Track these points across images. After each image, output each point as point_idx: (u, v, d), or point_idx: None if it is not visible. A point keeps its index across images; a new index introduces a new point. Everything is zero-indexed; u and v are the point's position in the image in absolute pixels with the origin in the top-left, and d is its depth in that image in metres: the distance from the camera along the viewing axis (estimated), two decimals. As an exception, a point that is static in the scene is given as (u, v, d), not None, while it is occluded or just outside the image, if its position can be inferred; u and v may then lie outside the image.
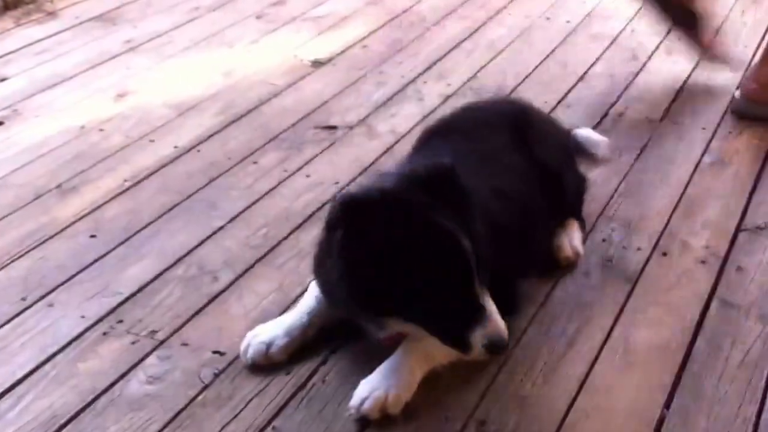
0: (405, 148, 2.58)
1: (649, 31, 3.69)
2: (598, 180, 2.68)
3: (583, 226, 2.42)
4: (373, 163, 2.82)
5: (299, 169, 2.79)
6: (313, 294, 2.04)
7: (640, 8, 3.66)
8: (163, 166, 2.80)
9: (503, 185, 1.92)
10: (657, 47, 3.57)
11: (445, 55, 3.58)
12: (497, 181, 1.87)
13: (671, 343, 2.08)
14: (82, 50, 3.59)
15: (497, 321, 1.78)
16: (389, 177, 1.90)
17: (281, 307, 2.14)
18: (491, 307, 1.78)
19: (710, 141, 2.92)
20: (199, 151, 2.89)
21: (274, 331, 2.00)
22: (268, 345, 1.98)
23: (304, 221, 2.51)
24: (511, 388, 1.94)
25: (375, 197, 1.79)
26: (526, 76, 3.38)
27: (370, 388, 1.86)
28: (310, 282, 2.07)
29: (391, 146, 2.91)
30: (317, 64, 3.49)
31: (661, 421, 1.87)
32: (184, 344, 2.06)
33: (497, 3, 4.04)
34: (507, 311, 1.87)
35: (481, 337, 1.76)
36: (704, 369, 2.01)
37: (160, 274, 2.29)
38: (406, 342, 1.91)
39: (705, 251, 2.39)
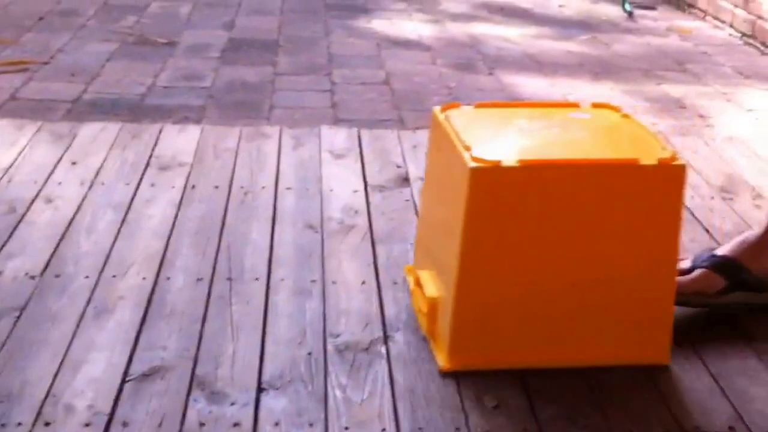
0: None
1: (27, 179, 3.68)
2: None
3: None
4: None
5: None
6: None
7: (21, 153, 3.62)
8: None
9: None
10: (36, 197, 3.56)
11: None
12: None
13: None
14: None
15: None
16: None
17: None
18: None
19: (94, 289, 2.95)
20: None
21: None
22: None
23: None
24: None
25: None
26: None
27: None
28: None
29: None
30: None
31: None
32: None
33: None
34: None
35: None
36: None
37: None
38: None
39: (89, 412, 2.38)
